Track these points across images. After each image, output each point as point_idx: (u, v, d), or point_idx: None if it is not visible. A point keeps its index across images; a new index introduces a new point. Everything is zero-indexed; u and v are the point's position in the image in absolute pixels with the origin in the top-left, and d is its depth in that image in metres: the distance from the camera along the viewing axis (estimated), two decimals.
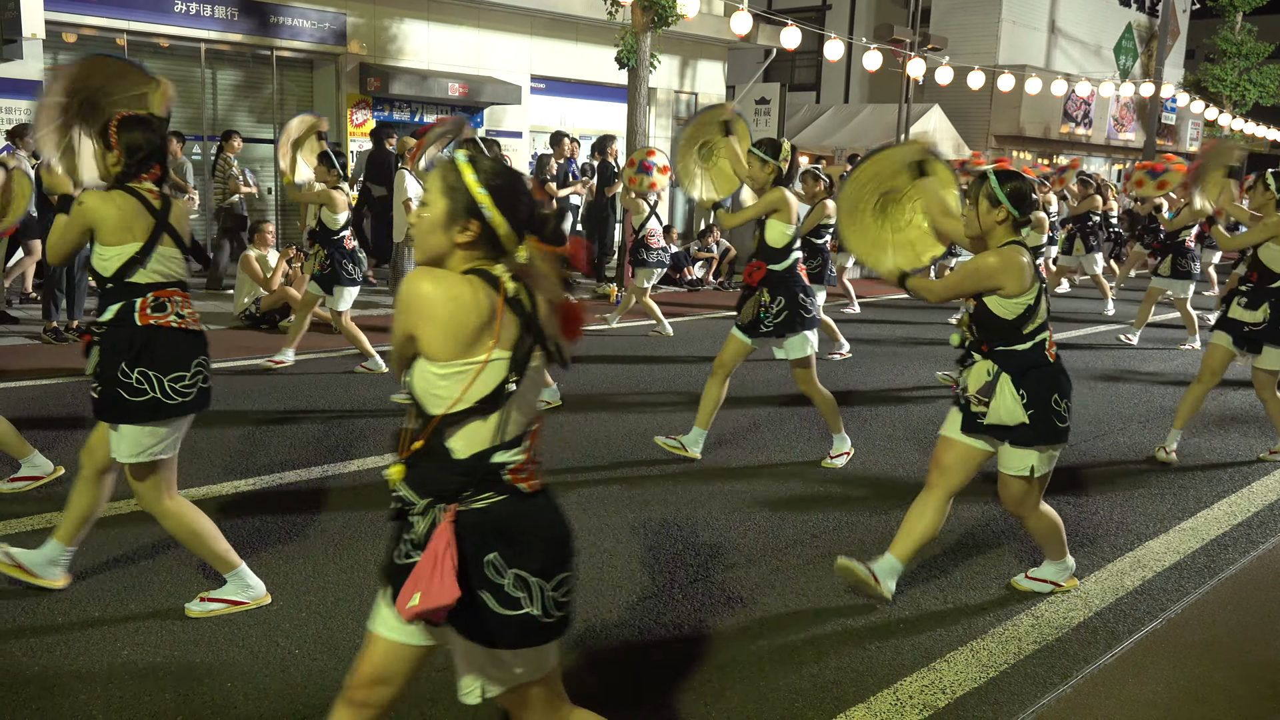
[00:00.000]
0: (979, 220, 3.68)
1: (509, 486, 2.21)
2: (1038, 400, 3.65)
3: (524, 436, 2.23)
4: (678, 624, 3.72)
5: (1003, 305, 3.65)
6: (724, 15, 17.13)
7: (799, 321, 5.33)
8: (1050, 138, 25.79)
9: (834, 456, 5.72)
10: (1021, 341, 3.68)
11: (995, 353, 3.70)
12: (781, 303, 5.30)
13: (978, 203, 3.67)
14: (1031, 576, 4.11)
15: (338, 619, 3.64)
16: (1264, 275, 5.72)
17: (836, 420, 5.70)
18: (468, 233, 2.15)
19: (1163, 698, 3.34)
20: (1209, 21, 30.78)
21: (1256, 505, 5.33)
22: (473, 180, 2.15)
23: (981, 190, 3.65)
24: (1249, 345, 5.75)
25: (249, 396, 6.80)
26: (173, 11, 12.65)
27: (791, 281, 5.36)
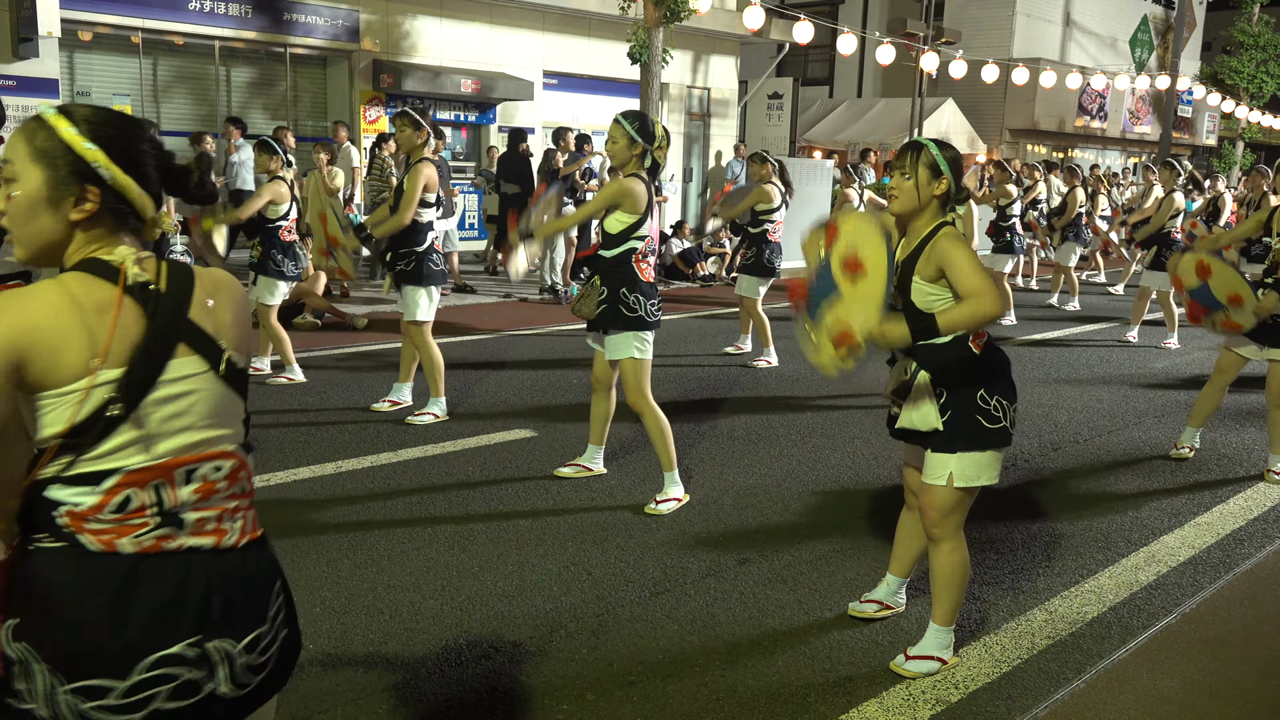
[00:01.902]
0: (918, 193, 3.17)
1: (65, 534, 1.63)
2: (959, 400, 3.19)
3: (116, 474, 1.63)
4: (690, 618, 3.72)
5: (932, 298, 3.16)
6: (736, 10, 17.11)
7: (619, 319, 4.74)
8: (1065, 131, 25.67)
9: (660, 502, 4.86)
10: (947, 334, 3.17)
11: (919, 348, 3.21)
12: (604, 293, 4.76)
13: (916, 172, 3.17)
14: (915, 655, 3.40)
15: (352, 615, 3.67)
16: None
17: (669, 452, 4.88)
18: (85, 205, 1.65)
19: (1177, 693, 3.33)
20: (1225, 13, 30.55)
21: (1273, 500, 5.30)
22: (73, 134, 1.64)
23: (921, 159, 3.17)
24: (1271, 339, 5.55)
25: (260, 393, 6.83)
26: (187, 9, 12.72)
27: (621, 273, 4.75)
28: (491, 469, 5.38)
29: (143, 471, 1.65)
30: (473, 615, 3.69)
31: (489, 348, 8.76)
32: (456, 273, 12.02)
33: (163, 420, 1.66)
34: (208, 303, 1.73)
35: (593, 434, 5.28)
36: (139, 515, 1.65)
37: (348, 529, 4.49)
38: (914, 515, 3.63)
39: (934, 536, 3.37)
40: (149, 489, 1.66)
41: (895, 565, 3.75)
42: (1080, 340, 10.24)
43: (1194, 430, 6.04)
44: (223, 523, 1.74)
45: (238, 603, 1.73)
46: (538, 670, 3.32)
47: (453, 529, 4.52)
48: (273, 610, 1.81)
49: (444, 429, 6.09)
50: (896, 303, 3.19)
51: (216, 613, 1.70)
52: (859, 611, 3.75)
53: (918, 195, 3.19)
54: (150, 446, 1.65)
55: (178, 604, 1.66)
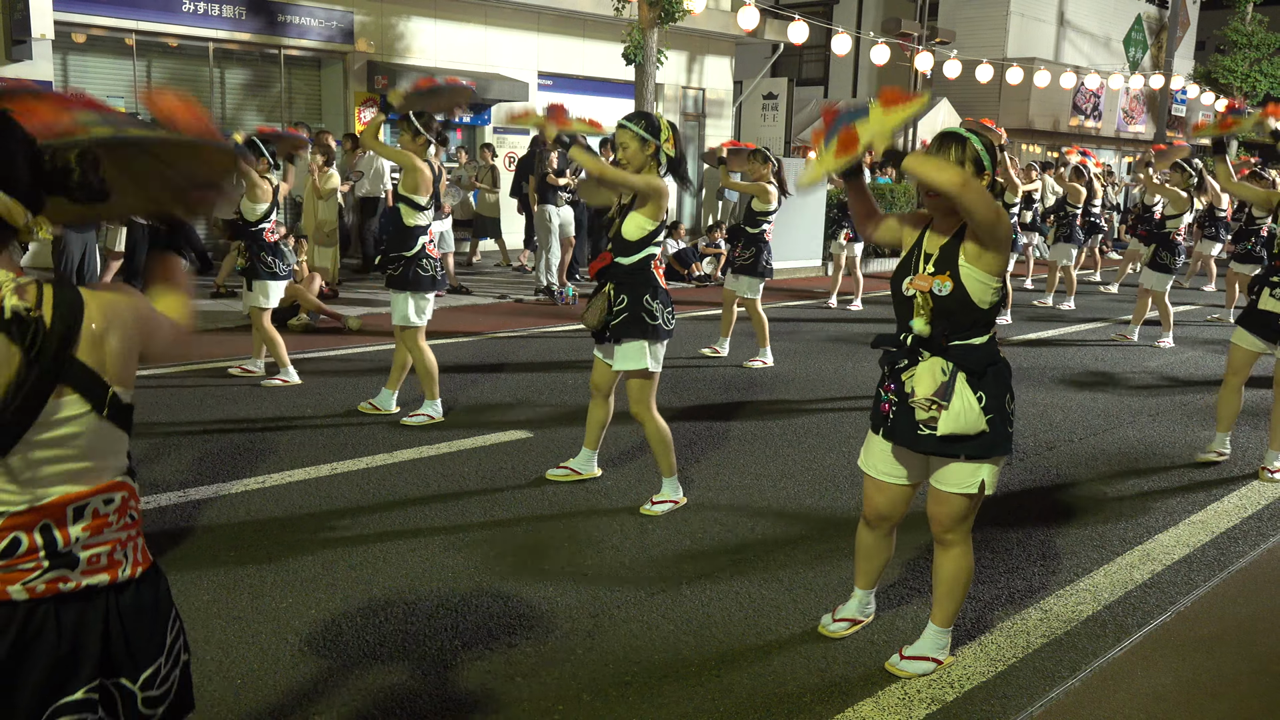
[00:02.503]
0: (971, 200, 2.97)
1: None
2: (996, 404, 3.08)
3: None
4: (686, 619, 3.72)
5: (985, 286, 3.05)
6: (731, 10, 17.13)
7: (639, 326, 4.63)
8: (1060, 130, 25.71)
9: (656, 502, 4.85)
10: (985, 332, 3.11)
11: (952, 348, 3.07)
12: (624, 302, 4.65)
13: (963, 168, 3.02)
14: (911, 656, 3.39)
15: (347, 617, 3.66)
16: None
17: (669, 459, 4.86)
18: None
19: (1171, 691, 3.33)
20: (1219, 12, 30.62)
21: (1267, 498, 5.31)
22: None
23: (967, 154, 3.03)
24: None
25: (256, 395, 6.83)
26: (181, 11, 12.70)
27: (643, 279, 4.69)
28: (487, 471, 5.38)
29: (28, 514, 1.54)
30: (468, 617, 3.69)
31: (484, 349, 8.75)
32: (452, 274, 12.01)
33: (43, 461, 1.55)
34: (94, 332, 1.57)
35: (588, 438, 5.21)
36: (29, 559, 1.55)
37: (343, 531, 4.49)
38: (876, 534, 3.50)
39: (948, 542, 3.27)
40: (37, 531, 1.55)
41: (862, 580, 3.64)
42: (1075, 340, 10.26)
43: (1224, 435, 5.91)
44: (115, 555, 1.65)
45: (137, 638, 1.67)
46: (533, 671, 3.31)
47: (448, 531, 4.52)
48: (169, 639, 1.76)
49: (439, 431, 6.09)
50: (943, 289, 3.03)
51: (116, 652, 1.64)
52: (831, 632, 3.62)
53: None
54: (32, 488, 1.54)
55: (76, 652, 1.58)
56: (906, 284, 3.14)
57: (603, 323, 4.69)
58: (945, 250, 3.08)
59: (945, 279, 3.04)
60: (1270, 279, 5.51)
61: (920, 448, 3.15)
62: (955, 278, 3.03)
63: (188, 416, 6.26)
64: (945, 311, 3.05)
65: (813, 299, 12.56)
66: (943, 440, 3.08)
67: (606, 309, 4.68)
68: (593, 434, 5.19)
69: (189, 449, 5.59)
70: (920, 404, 3.08)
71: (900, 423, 3.16)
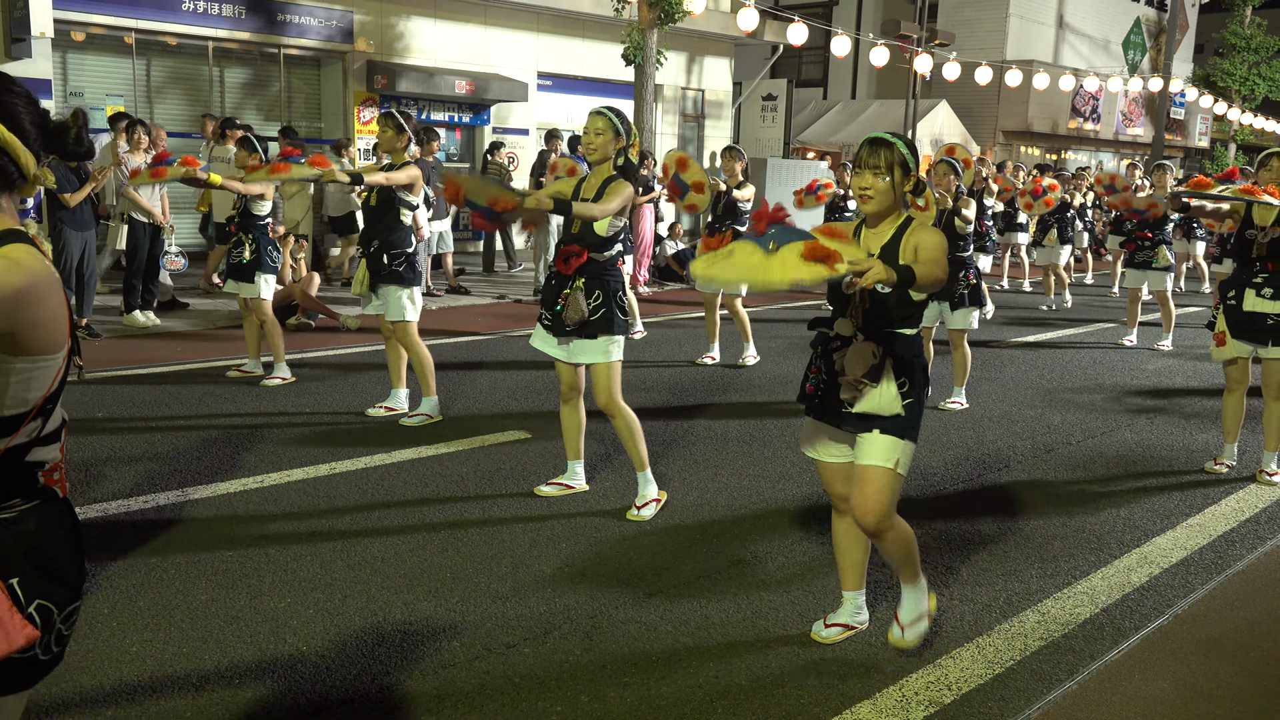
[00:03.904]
0: (894, 192, 3.20)
1: (43, 491, 1.74)
2: (916, 393, 3.23)
3: (63, 428, 1.79)
4: (683, 620, 3.72)
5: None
6: (730, 11, 17.13)
7: (614, 323, 4.64)
8: (1058, 133, 25.74)
9: (640, 506, 4.80)
10: (915, 325, 3.26)
11: (883, 335, 3.22)
12: (599, 297, 4.61)
13: (892, 172, 3.18)
14: (908, 623, 3.46)
15: (345, 616, 3.66)
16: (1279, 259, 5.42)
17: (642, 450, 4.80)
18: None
19: (1169, 694, 3.34)
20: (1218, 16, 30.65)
21: (1265, 501, 5.31)
22: None
23: (894, 158, 3.18)
24: (1273, 338, 5.43)
25: (255, 394, 6.83)
26: (180, 9, 12.70)
27: (615, 275, 4.69)
28: (485, 471, 5.38)
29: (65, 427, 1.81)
30: (466, 617, 3.69)
31: (483, 349, 8.75)
32: (451, 274, 12.01)
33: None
34: None
35: (570, 449, 5.03)
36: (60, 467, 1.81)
37: (341, 531, 4.49)
38: (847, 520, 3.51)
39: (879, 532, 3.29)
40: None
41: (848, 580, 3.62)
42: (1073, 343, 10.27)
43: (1231, 446, 5.87)
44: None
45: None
46: (531, 671, 3.32)
47: (446, 531, 4.52)
48: None
49: (438, 431, 6.09)
50: (885, 288, 3.11)
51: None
52: (823, 638, 3.59)
53: (894, 194, 3.21)
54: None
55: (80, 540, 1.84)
56: (846, 282, 3.17)
57: (583, 317, 4.60)
58: (885, 251, 3.20)
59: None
60: (1252, 280, 5.47)
61: (845, 424, 3.29)
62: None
63: (186, 415, 6.26)
64: (883, 306, 3.19)
65: (811, 299, 12.57)
66: (860, 417, 3.23)
67: (587, 303, 4.61)
68: (574, 443, 5.02)
69: (188, 447, 5.59)
70: (848, 384, 3.19)
71: (827, 401, 3.30)
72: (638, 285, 12.58)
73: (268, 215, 7.10)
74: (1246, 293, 5.47)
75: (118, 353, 8.03)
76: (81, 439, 5.67)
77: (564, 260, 4.64)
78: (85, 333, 8.48)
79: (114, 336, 8.66)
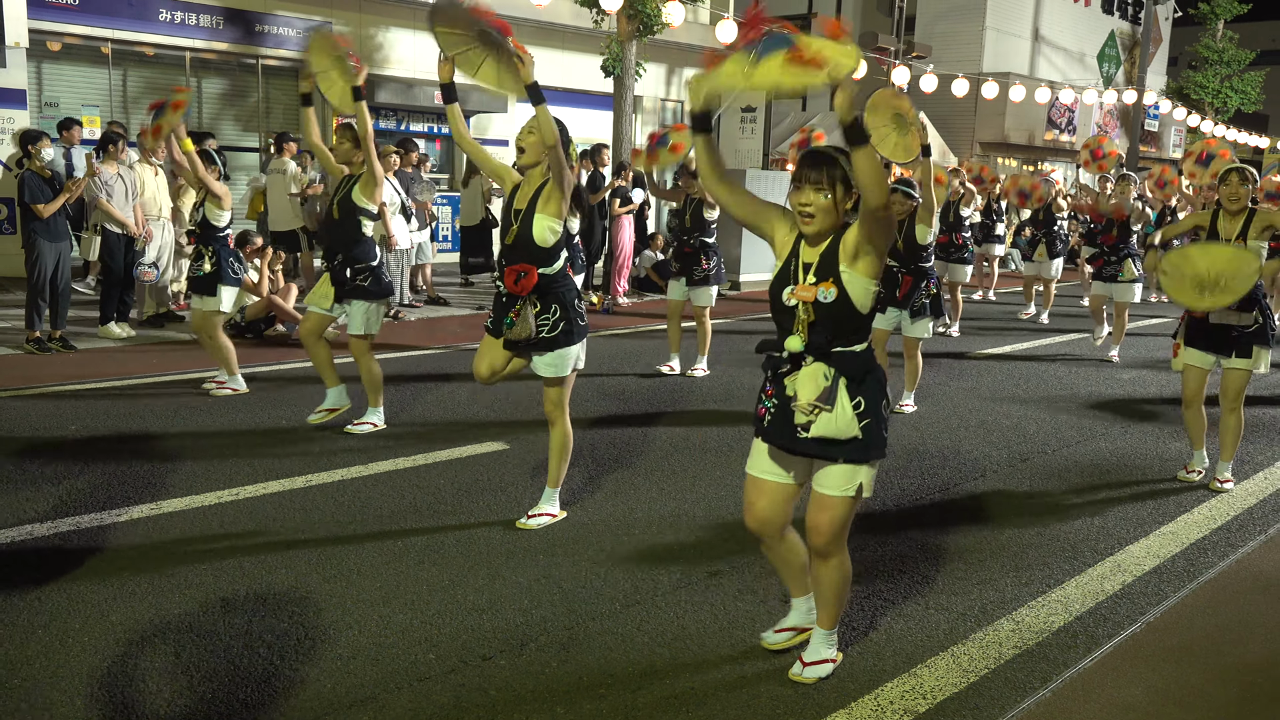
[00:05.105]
0: (837, 210, 3.11)
1: None
2: (872, 409, 3.16)
3: None
4: (660, 631, 3.73)
5: (866, 290, 3.12)
6: (709, 24, 17.21)
7: (576, 332, 4.62)
8: (1034, 145, 25.97)
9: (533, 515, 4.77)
10: (863, 340, 3.19)
11: (834, 354, 3.14)
12: (556, 311, 4.56)
13: (834, 189, 3.09)
14: (811, 662, 3.42)
15: (320, 630, 3.64)
16: None
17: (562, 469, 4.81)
18: None
19: (1141, 701, 3.37)
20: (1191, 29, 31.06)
21: (1236, 509, 5.37)
22: None
23: (836, 174, 3.09)
24: (1237, 349, 5.50)
25: (232, 406, 6.79)
26: (157, 20, 12.65)
27: (566, 285, 4.64)
28: (463, 482, 5.37)
29: None
30: (442, 629, 3.68)
31: (462, 360, 8.73)
32: (430, 284, 11.99)
33: None
34: None
35: (551, 474, 4.85)
36: None
37: (317, 543, 4.46)
38: (771, 544, 3.46)
39: (828, 552, 3.27)
40: None
41: (795, 588, 3.60)
42: (1049, 353, 10.34)
43: (1200, 453, 5.91)
44: None
45: None
46: (507, 684, 3.31)
47: (423, 543, 4.51)
48: None
49: (415, 442, 6.06)
50: (828, 296, 3.09)
51: None
52: (771, 643, 3.58)
53: (836, 212, 3.12)
54: None
55: None
56: (788, 294, 3.18)
57: (530, 336, 4.54)
58: (825, 258, 3.14)
59: (829, 286, 3.11)
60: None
61: (799, 449, 3.22)
62: (839, 284, 3.10)
63: (161, 428, 6.22)
64: (828, 319, 3.12)
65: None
66: (818, 442, 3.15)
67: (536, 320, 4.55)
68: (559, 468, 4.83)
69: (163, 461, 5.55)
70: (803, 408, 3.14)
71: (779, 425, 3.23)
72: (617, 296, 12.60)
73: (226, 226, 7.02)
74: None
75: (92, 365, 7.96)
76: (54, 452, 5.62)
77: (514, 280, 4.52)
78: (60, 345, 8.41)
79: (89, 349, 8.59)
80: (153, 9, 12.60)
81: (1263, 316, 5.51)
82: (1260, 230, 5.50)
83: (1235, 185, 5.53)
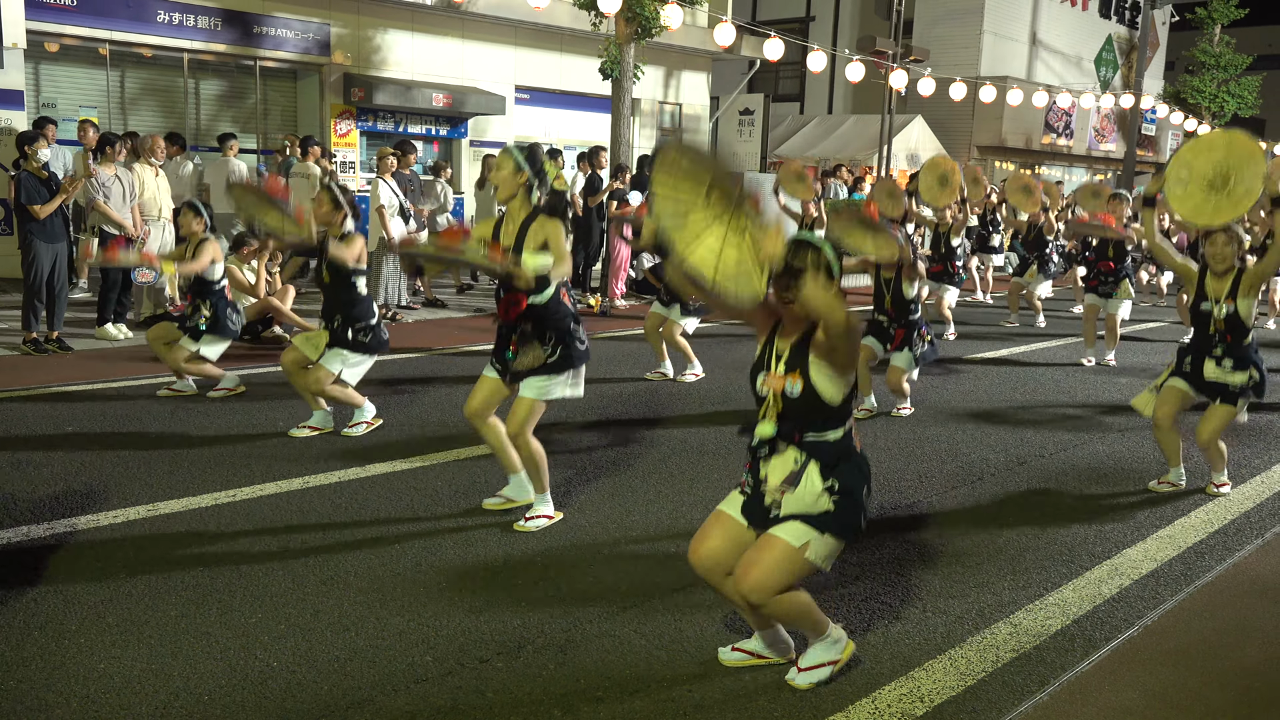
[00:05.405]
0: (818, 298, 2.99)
1: None
2: (846, 490, 3.16)
3: None
4: (658, 634, 3.72)
5: (835, 385, 3.13)
6: (708, 27, 17.22)
7: (575, 357, 4.65)
8: (1032, 148, 26.00)
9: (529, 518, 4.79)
10: (839, 426, 3.19)
11: (805, 442, 3.17)
12: (552, 338, 4.59)
13: (818, 276, 3.07)
14: (805, 668, 3.39)
15: (316, 632, 3.64)
16: (1239, 333, 5.44)
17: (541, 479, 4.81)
18: None
19: (1138, 704, 3.37)
20: (1188, 34, 31.10)
21: (1233, 513, 5.37)
22: None
23: (821, 260, 3.10)
24: (1223, 397, 5.48)
25: (229, 408, 6.78)
26: (155, 21, 12.65)
27: (562, 311, 4.62)
28: (460, 485, 5.36)
29: None
30: (439, 631, 3.67)
31: (459, 363, 8.73)
32: (428, 287, 11.99)
33: None
34: None
35: (535, 483, 4.82)
36: None
37: (314, 545, 4.46)
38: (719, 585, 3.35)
39: (756, 602, 3.16)
40: None
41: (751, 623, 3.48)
42: (1046, 357, 10.35)
43: (1177, 469, 5.83)
44: None
45: None
46: (504, 686, 3.30)
47: (420, 545, 4.50)
48: None
49: (413, 445, 6.06)
50: (794, 389, 3.12)
51: None
52: (724, 659, 3.52)
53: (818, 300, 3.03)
54: None
55: None
56: (761, 381, 3.24)
57: (536, 365, 4.59)
58: (795, 349, 3.16)
59: (796, 378, 3.14)
60: (1211, 351, 5.48)
61: (769, 526, 3.22)
62: (805, 377, 3.13)
63: (158, 430, 6.21)
64: (796, 409, 3.15)
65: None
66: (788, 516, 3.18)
67: (539, 348, 4.58)
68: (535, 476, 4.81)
69: (159, 462, 5.55)
70: (771, 491, 3.20)
71: (752, 507, 3.27)
72: (614, 299, 12.60)
73: (221, 278, 7.10)
74: (1206, 363, 5.51)
75: (89, 366, 7.95)
76: (50, 453, 5.61)
77: (505, 310, 4.58)
78: (56, 346, 8.40)
79: (86, 350, 8.58)
80: (150, 10, 12.59)
81: (1258, 373, 5.45)
82: (1249, 288, 5.43)
83: (1220, 245, 5.45)
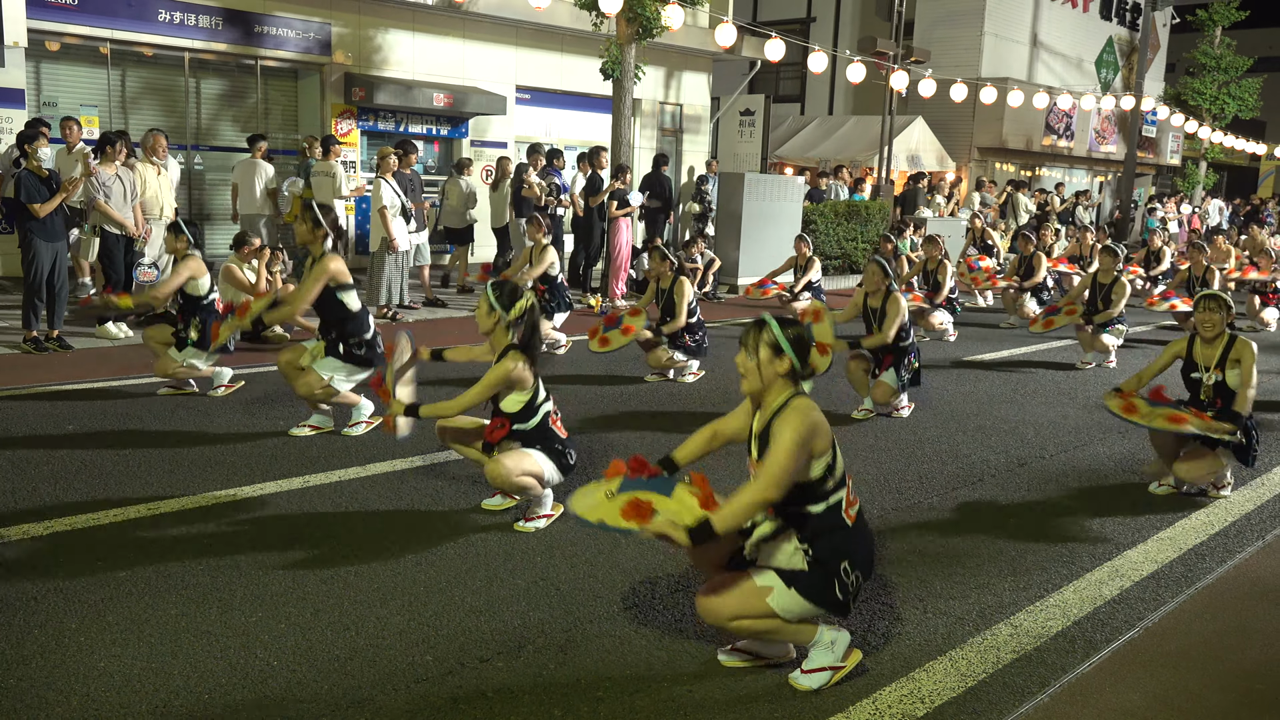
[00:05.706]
0: (760, 372, 3.30)
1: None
2: (824, 559, 3.24)
3: None
4: (658, 634, 3.72)
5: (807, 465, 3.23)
6: (709, 27, 17.22)
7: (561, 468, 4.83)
8: (1032, 150, 26.00)
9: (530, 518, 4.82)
10: (818, 502, 3.26)
11: (788, 514, 3.31)
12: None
13: (758, 352, 3.29)
14: (808, 670, 3.39)
15: (317, 631, 3.63)
16: (1229, 399, 5.43)
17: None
18: None
19: (1139, 706, 3.36)
20: (1189, 35, 31.12)
21: (1233, 515, 5.37)
22: None
23: (762, 339, 3.30)
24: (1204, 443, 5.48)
25: (230, 406, 6.78)
26: (156, 20, 12.63)
27: (550, 436, 4.82)
28: (460, 485, 5.36)
29: None
30: (439, 631, 3.67)
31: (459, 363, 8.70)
32: (428, 287, 11.99)
33: None
34: None
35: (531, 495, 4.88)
36: None
37: (314, 544, 4.46)
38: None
39: (707, 622, 3.34)
40: None
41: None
42: (1046, 358, 10.35)
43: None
44: None
45: None
46: (505, 686, 3.30)
47: (420, 544, 4.50)
48: None
49: (413, 445, 6.05)
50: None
51: None
52: (727, 662, 3.53)
53: (760, 375, 3.32)
54: None
55: None
56: (749, 463, 3.44)
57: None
58: (763, 436, 3.31)
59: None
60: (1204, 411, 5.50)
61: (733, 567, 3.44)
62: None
63: (158, 428, 6.21)
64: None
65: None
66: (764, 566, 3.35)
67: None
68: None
69: (159, 461, 5.54)
70: (749, 546, 3.42)
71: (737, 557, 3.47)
72: (615, 299, 12.60)
73: (209, 293, 7.02)
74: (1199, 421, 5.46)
75: (89, 365, 7.95)
76: (51, 452, 5.61)
77: (490, 431, 4.84)
78: (57, 345, 8.39)
79: (86, 349, 8.57)
80: (151, 9, 12.58)
81: (1246, 439, 5.39)
82: (1235, 362, 5.43)
83: (1208, 312, 5.47)
